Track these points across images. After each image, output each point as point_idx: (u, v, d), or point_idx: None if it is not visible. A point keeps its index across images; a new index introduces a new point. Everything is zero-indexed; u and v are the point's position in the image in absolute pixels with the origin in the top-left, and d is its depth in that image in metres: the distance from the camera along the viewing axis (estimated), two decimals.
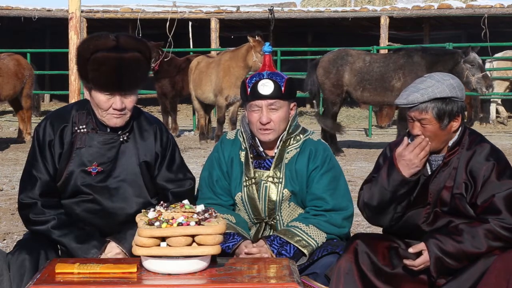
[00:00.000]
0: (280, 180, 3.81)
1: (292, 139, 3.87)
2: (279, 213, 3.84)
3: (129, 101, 3.51)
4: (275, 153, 3.84)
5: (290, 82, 3.84)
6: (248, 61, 12.68)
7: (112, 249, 3.54)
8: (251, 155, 3.86)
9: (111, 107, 3.49)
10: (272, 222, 3.85)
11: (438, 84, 3.55)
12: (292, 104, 3.87)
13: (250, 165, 3.86)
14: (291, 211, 3.84)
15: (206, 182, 3.93)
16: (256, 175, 3.84)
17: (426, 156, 3.43)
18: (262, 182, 3.82)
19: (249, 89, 3.80)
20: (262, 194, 3.83)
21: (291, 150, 3.85)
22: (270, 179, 3.82)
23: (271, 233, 3.82)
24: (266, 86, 3.80)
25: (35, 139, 3.69)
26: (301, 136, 3.89)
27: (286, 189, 3.80)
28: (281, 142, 3.84)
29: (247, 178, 3.85)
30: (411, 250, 3.48)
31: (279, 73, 3.90)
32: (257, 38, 12.86)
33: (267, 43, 4.18)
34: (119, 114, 3.52)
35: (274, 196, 3.82)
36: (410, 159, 3.41)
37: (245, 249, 3.63)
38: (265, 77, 3.80)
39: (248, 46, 13.03)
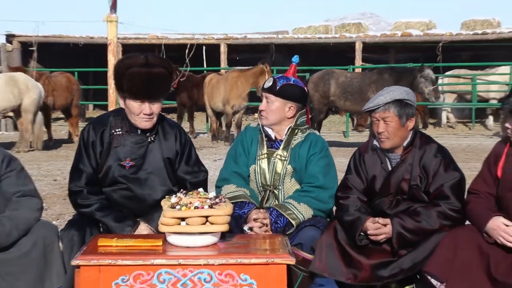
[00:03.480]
0: (286, 158, 3.85)
1: (299, 130, 3.91)
2: (281, 185, 3.85)
3: (156, 107, 3.54)
4: (284, 138, 3.89)
5: (289, 86, 3.87)
6: (259, 81, 12.61)
7: (143, 228, 3.56)
8: (266, 138, 3.91)
9: (142, 112, 3.51)
10: (275, 191, 3.86)
11: (397, 90, 3.62)
12: (289, 105, 3.87)
13: (264, 144, 3.91)
14: (291, 185, 3.85)
15: (231, 155, 3.99)
16: (268, 152, 3.89)
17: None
18: (272, 158, 3.87)
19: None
20: (271, 167, 3.87)
21: (298, 138, 3.90)
22: (278, 156, 3.86)
23: (273, 201, 3.85)
24: (268, 82, 3.94)
25: (81, 140, 3.71)
26: (306, 130, 3.95)
27: (289, 166, 3.84)
28: (290, 130, 3.90)
29: (260, 154, 3.89)
30: (380, 220, 3.48)
31: (289, 78, 3.93)
32: (267, 67, 13.01)
33: (296, 56, 4.26)
34: (148, 118, 3.54)
35: (279, 170, 3.85)
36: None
37: (254, 216, 3.67)
38: (275, 77, 3.93)
39: (261, 69, 13.08)
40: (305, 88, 4.01)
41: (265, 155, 3.90)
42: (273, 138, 3.92)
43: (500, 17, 21.33)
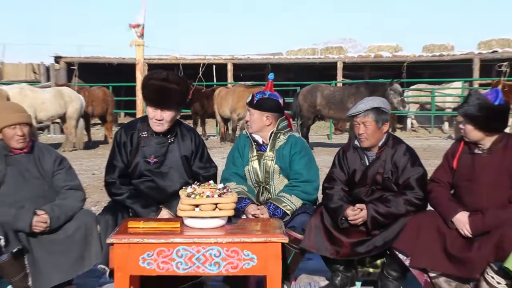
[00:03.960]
0: (273, 158, 3.79)
1: (281, 134, 3.83)
2: (272, 181, 3.80)
3: (167, 115, 3.50)
4: (269, 142, 3.81)
5: (264, 99, 3.80)
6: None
7: (164, 213, 3.54)
8: (255, 143, 3.84)
9: (154, 118, 3.51)
10: (267, 186, 3.81)
11: (375, 100, 3.62)
12: (266, 114, 3.78)
13: (253, 148, 3.84)
14: (280, 181, 3.79)
15: (230, 159, 3.93)
16: (258, 154, 3.82)
17: None
18: (262, 159, 3.81)
19: None
20: (261, 166, 3.80)
21: (281, 140, 3.81)
22: (267, 157, 3.79)
23: (267, 194, 3.80)
24: (249, 97, 3.89)
25: (114, 141, 3.70)
26: (288, 133, 3.86)
27: (276, 165, 3.78)
28: (273, 135, 3.82)
29: (251, 156, 3.83)
30: (357, 205, 3.48)
31: (265, 93, 3.85)
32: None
33: (272, 73, 4.22)
34: (159, 123, 3.52)
35: (268, 168, 3.79)
36: None
37: (251, 211, 3.62)
38: (254, 93, 3.87)
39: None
40: (280, 100, 3.87)
41: (256, 157, 3.83)
42: (261, 142, 3.84)
43: (454, 42, 21.43)
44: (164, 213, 3.53)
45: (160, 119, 3.50)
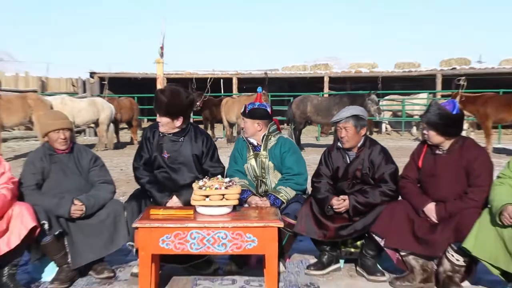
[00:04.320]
0: (266, 156, 3.74)
1: (272, 136, 3.78)
2: (268, 175, 3.75)
3: (162, 119, 3.50)
4: (262, 143, 3.76)
5: (254, 109, 3.74)
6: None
7: (175, 200, 3.48)
8: (250, 145, 3.80)
9: (157, 120, 3.55)
10: (264, 180, 3.76)
11: (355, 108, 3.60)
12: (256, 121, 3.72)
13: (250, 149, 3.80)
14: (275, 175, 3.74)
15: (232, 159, 3.87)
16: (254, 154, 3.78)
17: None
18: (258, 157, 3.76)
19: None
20: (258, 163, 3.76)
21: (272, 142, 3.76)
22: (262, 156, 3.75)
23: (264, 187, 3.76)
24: (242, 108, 3.85)
25: (142, 136, 3.72)
26: (277, 135, 3.81)
27: (270, 162, 3.74)
28: (265, 137, 3.77)
29: (249, 156, 3.79)
30: (341, 196, 3.46)
31: (255, 104, 3.81)
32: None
33: (260, 88, 4.20)
34: (160, 125, 3.54)
35: (264, 165, 3.75)
36: None
37: (253, 201, 3.59)
38: (246, 104, 3.82)
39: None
40: (268, 108, 3.80)
41: (252, 156, 3.78)
42: (255, 144, 3.79)
43: (421, 61, 21.31)
44: (175, 199, 3.48)
45: (159, 121, 3.53)
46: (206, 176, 3.33)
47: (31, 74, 19.34)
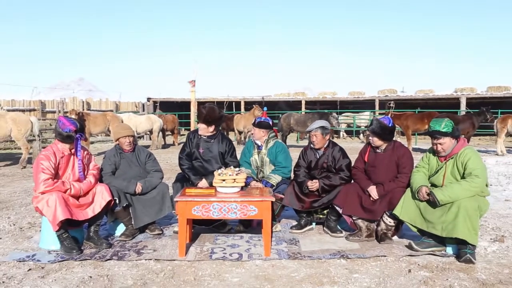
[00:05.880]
0: (266, 153, 3.70)
1: (271, 140, 3.74)
2: (265, 166, 3.70)
3: (202, 126, 3.45)
4: (264, 144, 3.72)
5: (260, 122, 3.67)
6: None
7: (204, 181, 3.40)
8: (256, 145, 3.75)
9: (200, 128, 3.48)
10: (262, 169, 3.71)
11: (322, 122, 3.54)
12: (262, 130, 3.66)
13: (255, 148, 3.75)
14: (269, 167, 3.68)
15: (242, 153, 3.80)
16: (257, 151, 3.73)
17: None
18: (259, 154, 3.71)
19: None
20: (260, 158, 3.70)
21: (270, 144, 3.72)
22: (263, 153, 3.70)
23: (261, 174, 3.69)
24: (253, 120, 3.82)
25: (187, 137, 3.60)
26: (275, 140, 3.77)
27: (267, 157, 3.69)
28: (266, 140, 3.73)
29: (254, 152, 3.74)
30: (314, 180, 3.40)
31: (262, 118, 3.78)
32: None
33: (265, 107, 4.16)
34: (199, 130, 3.48)
35: (263, 159, 3.70)
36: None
37: (254, 184, 3.55)
38: (256, 118, 3.79)
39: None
40: (270, 122, 3.76)
41: (256, 152, 3.73)
42: (259, 145, 3.75)
43: (365, 90, 21.22)
44: (204, 181, 3.40)
45: (199, 126, 3.48)
46: (224, 167, 3.29)
47: (110, 99, 19.49)
